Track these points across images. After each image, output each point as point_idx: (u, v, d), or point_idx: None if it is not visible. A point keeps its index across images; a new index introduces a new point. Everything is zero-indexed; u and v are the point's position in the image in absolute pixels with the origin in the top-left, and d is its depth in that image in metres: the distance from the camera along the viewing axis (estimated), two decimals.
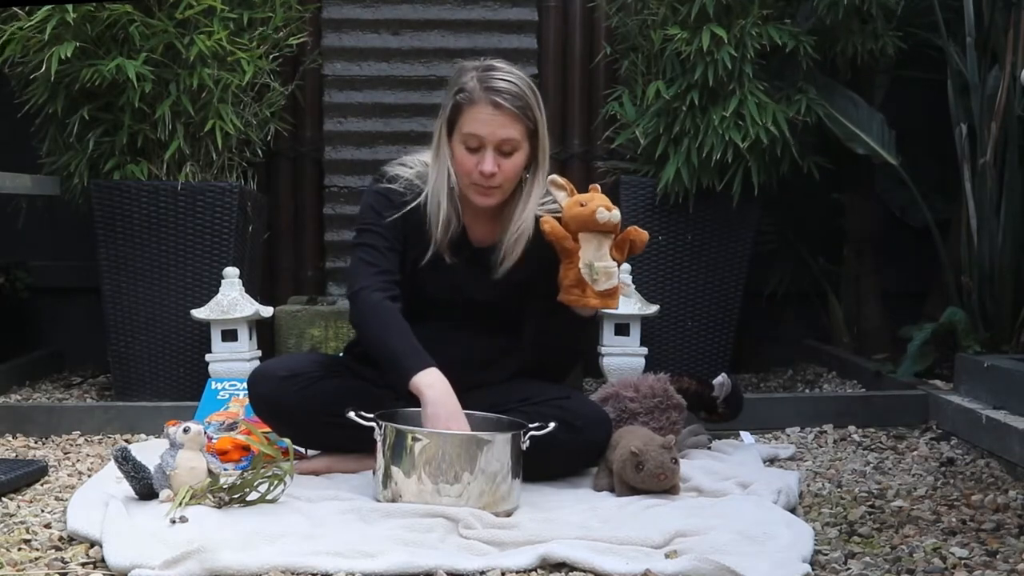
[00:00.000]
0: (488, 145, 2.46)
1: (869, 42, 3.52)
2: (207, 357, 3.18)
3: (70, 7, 3.14)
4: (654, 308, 3.27)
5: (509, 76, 2.49)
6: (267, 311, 3.24)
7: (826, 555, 1.99)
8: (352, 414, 2.32)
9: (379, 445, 2.28)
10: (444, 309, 2.59)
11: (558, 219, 2.51)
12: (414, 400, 2.48)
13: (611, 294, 2.50)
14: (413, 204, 2.53)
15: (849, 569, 1.92)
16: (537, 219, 2.54)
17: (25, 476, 2.52)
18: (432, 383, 2.35)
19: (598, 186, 2.61)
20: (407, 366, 2.37)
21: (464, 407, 2.38)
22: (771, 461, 2.76)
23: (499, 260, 2.56)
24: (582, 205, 2.48)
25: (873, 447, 2.93)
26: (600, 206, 2.48)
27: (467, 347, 2.57)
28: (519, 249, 2.54)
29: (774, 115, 3.30)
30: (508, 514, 2.22)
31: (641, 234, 2.54)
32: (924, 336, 3.33)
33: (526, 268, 2.57)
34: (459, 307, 2.59)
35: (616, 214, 2.49)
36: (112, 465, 2.37)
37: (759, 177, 3.34)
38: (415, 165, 2.59)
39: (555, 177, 2.55)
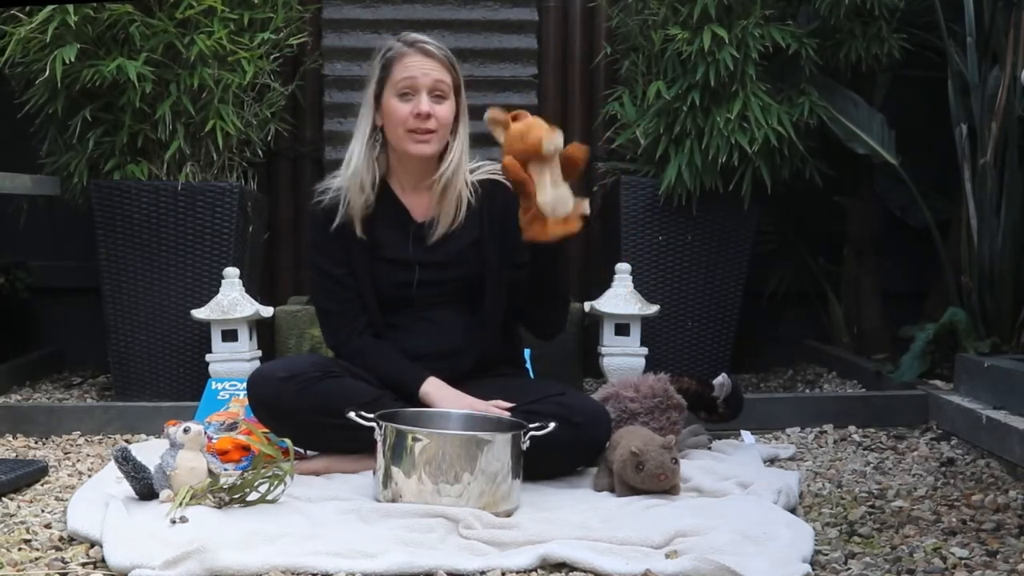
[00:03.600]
0: (422, 88, 2.58)
1: (874, 47, 3.52)
2: (207, 357, 3.18)
3: (71, 8, 3.14)
4: (654, 308, 3.27)
5: (426, 37, 2.66)
6: (267, 311, 3.24)
7: (826, 555, 1.99)
8: (352, 414, 2.33)
9: (379, 445, 2.28)
10: (406, 291, 2.64)
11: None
12: (415, 402, 2.55)
13: (570, 218, 2.43)
14: (343, 206, 2.65)
15: (849, 569, 1.92)
16: (479, 182, 2.65)
17: (25, 476, 2.52)
18: (430, 390, 2.55)
19: (525, 111, 2.46)
20: (409, 387, 2.56)
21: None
22: (771, 461, 2.76)
23: (435, 224, 2.64)
24: (523, 138, 2.38)
25: (873, 447, 2.93)
26: (541, 136, 2.37)
27: (435, 333, 2.63)
28: (453, 209, 2.63)
29: (779, 117, 3.30)
30: (508, 514, 2.22)
31: (580, 150, 2.44)
32: (927, 337, 3.32)
33: (473, 228, 2.65)
34: (419, 285, 2.64)
35: (559, 136, 2.39)
36: (112, 465, 2.37)
37: (771, 180, 3.35)
38: (342, 174, 2.71)
39: (491, 112, 2.45)
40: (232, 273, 3.23)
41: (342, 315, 2.66)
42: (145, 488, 2.27)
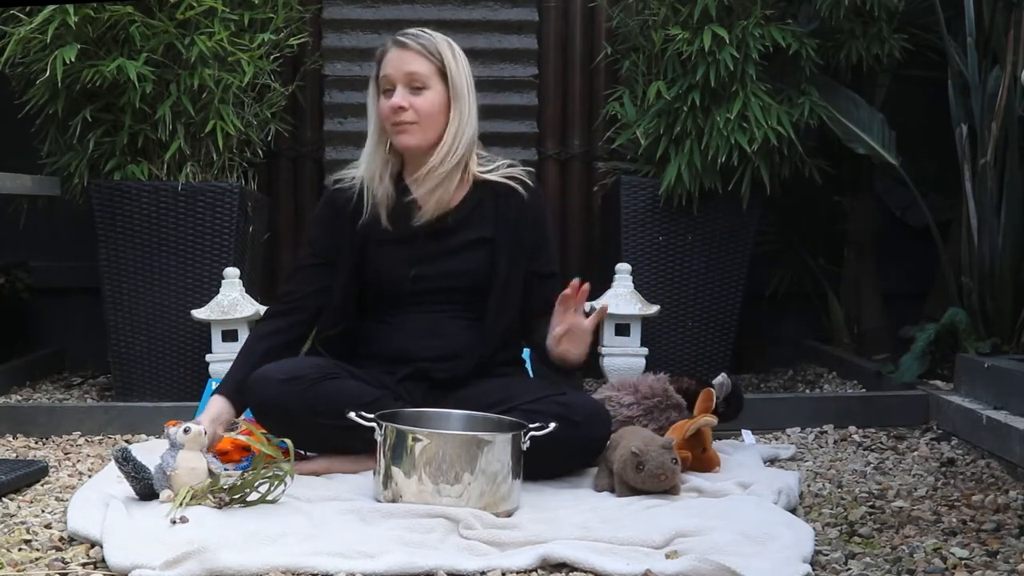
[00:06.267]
0: (397, 83, 2.61)
1: (875, 47, 3.52)
2: (207, 357, 3.18)
3: (71, 8, 3.14)
4: (654, 308, 3.27)
5: (419, 30, 2.69)
6: None
7: (826, 555, 1.99)
8: (353, 415, 2.33)
9: (379, 446, 2.28)
10: (402, 285, 2.65)
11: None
12: (414, 401, 2.56)
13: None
14: (358, 195, 2.68)
15: (850, 569, 1.92)
16: (495, 183, 2.65)
17: (25, 476, 2.52)
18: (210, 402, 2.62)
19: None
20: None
21: (460, 407, 2.49)
22: (771, 461, 2.76)
23: (419, 204, 2.65)
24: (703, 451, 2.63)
25: (873, 447, 2.93)
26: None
27: (434, 334, 2.64)
28: (440, 192, 2.63)
29: (779, 117, 3.30)
30: (508, 514, 2.22)
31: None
32: (927, 337, 3.32)
33: (482, 227, 2.65)
34: (417, 280, 2.64)
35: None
36: (112, 465, 2.37)
37: (770, 179, 3.35)
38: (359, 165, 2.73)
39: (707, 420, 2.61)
40: (232, 273, 3.23)
41: (287, 295, 2.73)
42: (145, 488, 2.27)
